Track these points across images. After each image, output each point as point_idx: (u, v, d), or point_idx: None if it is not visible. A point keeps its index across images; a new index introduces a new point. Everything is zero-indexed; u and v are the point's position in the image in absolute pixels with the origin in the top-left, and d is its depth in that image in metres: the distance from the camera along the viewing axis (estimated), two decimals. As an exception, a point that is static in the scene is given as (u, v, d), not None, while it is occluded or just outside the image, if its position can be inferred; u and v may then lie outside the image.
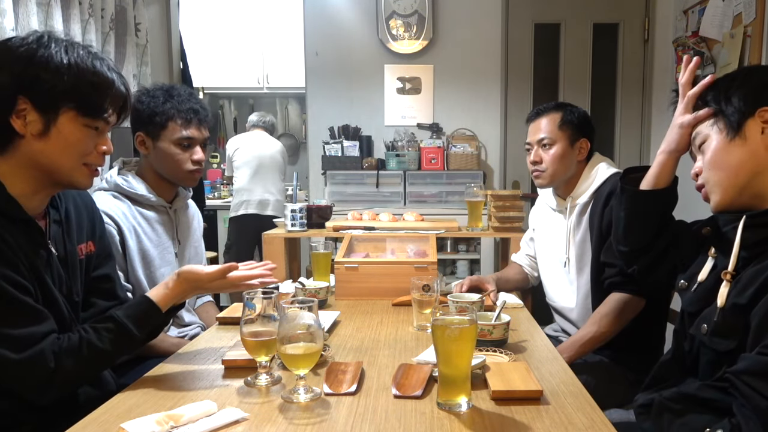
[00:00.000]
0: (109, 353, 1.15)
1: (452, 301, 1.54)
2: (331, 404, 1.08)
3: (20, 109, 1.07)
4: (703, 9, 2.98)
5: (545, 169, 1.86)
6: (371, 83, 3.98)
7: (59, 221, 1.22)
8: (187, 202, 1.90)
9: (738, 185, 1.08)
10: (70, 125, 1.11)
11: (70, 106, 1.10)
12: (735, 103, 1.08)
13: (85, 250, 1.30)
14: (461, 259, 3.84)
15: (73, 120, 1.11)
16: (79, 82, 1.09)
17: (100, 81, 1.12)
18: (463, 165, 3.80)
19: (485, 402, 1.08)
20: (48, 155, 1.11)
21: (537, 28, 3.90)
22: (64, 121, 1.10)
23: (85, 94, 1.11)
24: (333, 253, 2.05)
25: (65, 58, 1.08)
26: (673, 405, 1.10)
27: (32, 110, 1.08)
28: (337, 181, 3.83)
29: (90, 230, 1.32)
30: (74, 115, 1.11)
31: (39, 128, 1.09)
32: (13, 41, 1.09)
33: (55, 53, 1.08)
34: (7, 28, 2.05)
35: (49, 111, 1.09)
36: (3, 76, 1.06)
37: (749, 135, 1.06)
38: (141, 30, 3.17)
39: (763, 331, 0.94)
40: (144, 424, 0.94)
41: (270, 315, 1.18)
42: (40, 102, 1.08)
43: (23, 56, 1.06)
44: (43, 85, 1.07)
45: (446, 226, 2.37)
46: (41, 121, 1.08)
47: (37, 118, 1.08)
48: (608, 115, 3.90)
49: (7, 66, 1.06)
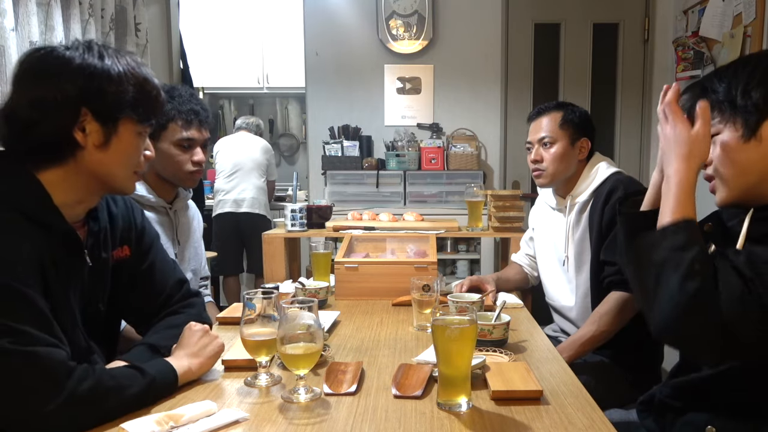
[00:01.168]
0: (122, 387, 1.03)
1: (452, 301, 1.53)
2: (331, 404, 1.08)
3: (82, 120, 1.07)
4: (703, 9, 2.98)
5: (546, 168, 1.86)
6: (371, 83, 3.98)
7: (97, 230, 1.21)
8: (187, 202, 1.90)
9: (748, 184, 1.06)
10: (127, 134, 1.12)
11: (129, 115, 1.11)
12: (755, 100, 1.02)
13: (119, 255, 1.28)
14: (461, 259, 3.83)
15: (130, 129, 1.12)
16: (137, 91, 1.10)
17: (151, 88, 1.14)
18: (463, 165, 3.79)
19: (485, 402, 1.08)
20: (106, 165, 1.11)
21: (537, 28, 3.90)
22: (122, 130, 1.11)
23: (142, 102, 1.12)
24: (333, 253, 2.05)
25: (121, 67, 1.09)
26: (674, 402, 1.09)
27: (93, 121, 1.07)
28: (337, 181, 3.83)
29: (126, 234, 1.30)
30: (131, 124, 1.12)
31: (100, 139, 1.09)
32: (65, 53, 1.07)
33: (112, 63, 1.08)
34: (7, 28, 2.05)
35: (110, 122, 1.09)
36: (69, 88, 1.05)
37: (764, 136, 1.03)
38: (141, 30, 3.17)
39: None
40: (144, 424, 0.94)
41: (270, 315, 1.18)
42: (102, 113, 1.08)
43: (84, 67, 1.06)
44: (107, 97, 1.07)
45: (446, 226, 2.37)
46: (102, 131, 1.09)
47: (98, 128, 1.08)
48: (608, 115, 3.90)
49: (70, 78, 1.05)
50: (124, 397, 1.01)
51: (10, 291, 0.95)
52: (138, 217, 1.35)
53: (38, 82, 1.06)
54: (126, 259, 1.29)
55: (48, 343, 0.96)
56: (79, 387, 0.95)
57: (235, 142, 4.43)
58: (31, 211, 1.04)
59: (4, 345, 0.91)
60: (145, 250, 1.34)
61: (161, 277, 1.35)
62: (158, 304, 1.33)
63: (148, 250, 1.34)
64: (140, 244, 1.33)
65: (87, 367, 0.99)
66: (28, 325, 0.94)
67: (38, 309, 0.98)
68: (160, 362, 1.13)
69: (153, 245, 1.36)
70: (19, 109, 1.06)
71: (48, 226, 1.06)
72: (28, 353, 0.92)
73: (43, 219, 1.05)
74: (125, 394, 1.01)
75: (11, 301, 0.94)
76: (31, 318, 0.96)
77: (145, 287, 1.32)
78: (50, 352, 0.95)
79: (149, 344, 1.21)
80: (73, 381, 0.95)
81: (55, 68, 1.06)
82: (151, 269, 1.33)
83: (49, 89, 1.04)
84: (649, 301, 0.99)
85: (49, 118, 1.05)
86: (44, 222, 1.05)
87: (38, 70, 1.07)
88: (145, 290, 1.32)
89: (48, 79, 1.05)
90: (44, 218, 1.06)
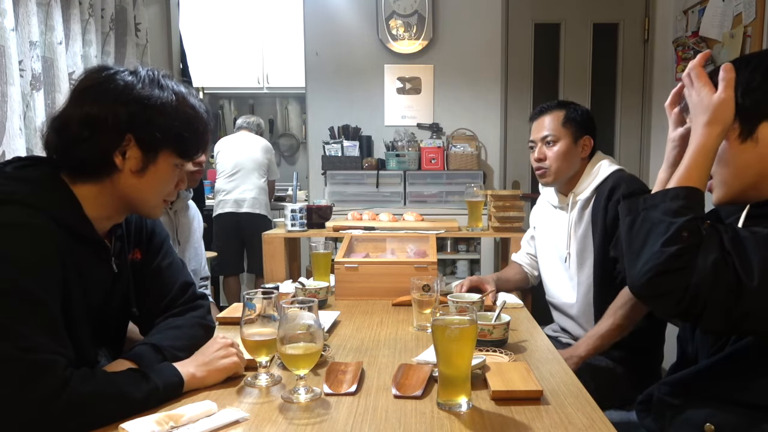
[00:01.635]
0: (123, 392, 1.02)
1: (452, 301, 1.53)
2: (331, 404, 1.08)
3: (125, 145, 1.08)
4: (703, 9, 2.98)
5: (549, 166, 1.86)
6: (371, 83, 3.98)
7: (120, 235, 1.23)
8: (187, 203, 1.90)
9: (744, 185, 1.06)
10: (165, 165, 1.13)
11: (171, 148, 1.13)
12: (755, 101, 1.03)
13: (132, 258, 1.29)
14: (461, 259, 3.83)
15: (168, 161, 1.14)
16: (184, 128, 1.12)
17: (200, 125, 1.16)
18: (463, 165, 3.79)
19: (485, 402, 1.08)
20: (138, 191, 1.13)
21: (537, 28, 3.90)
22: (161, 161, 1.13)
23: (186, 138, 1.14)
24: (333, 253, 2.05)
25: (175, 101, 1.11)
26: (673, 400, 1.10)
27: (135, 148, 1.09)
28: (337, 181, 3.83)
29: (138, 238, 1.31)
30: (171, 157, 1.13)
31: (138, 166, 1.11)
32: (127, 78, 1.10)
33: (167, 96, 1.10)
34: (7, 28, 2.05)
35: (151, 151, 1.11)
36: (121, 113, 1.07)
37: (761, 137, 1.03)
38: (141, 30, 3.17)
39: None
40: (144, 424, 0.94)
41: (270, 315, 1.18)
42: (146, 142, 1.10)
43: (140, 96, 1.08)
44: (154, 129, 1.09)
45: (446, 226, 2.37)
46: (141, 159, 1.10)
47: (139, 155, 1.10)
48: (608, 115, 3.90)
49: (125, 103, 1.07)
50: (126, 402, 1.00)
51: (26, 294, 0.95)
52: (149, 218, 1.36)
53: (94, 101, 1.08)
54: (137, 262, 1.30)
55: (52, 350, 0.95)
56: (79, 393, 0.94)
57: (235, 142, 4.43)
58: (63, 218, 1.05)
59: (8, 350, 0.91)
60: (154, 251, 1.35)
61: (169, 279, 1.35)
62: (164, 305, 1.33)
63: (157, 251, 1.35)
64: (150, 246, 1.34)
65: (87, 372, 0.99)
66: (35, 330, 0.94)
67: (49, 315, 0.98)
68: (166, 367, 1.12)
69: (162, 247, 1.37)
70: (71, 123, 1.08)
71: (78, 235, 1.07)
72: (30, 360, 0.92)
73: (75, 227, 1.07)
74: (127, 399, 1.00)
75: (24, 304, 0.95)
76: (40, 323, 0.96)
77: (152, 288, 1.32)
78: (54, 359, 0.94)
79: (151, 344, 1.21)
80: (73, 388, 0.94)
81: (113, 92, 1.08)
82: (159, 270, 1.34)
83: (103, 110, 1.07)
84: (632, 255, 1.00)
85: (95, 138, 1.07)
86: (75, 230, 1.07)
87: (98, 90, 1.09)
88: (153, 291, 1.32)
89: (105, 100, 1.07)
90: (75, 227, 1.07)
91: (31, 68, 2.25)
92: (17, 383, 0.91)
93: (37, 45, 2.28)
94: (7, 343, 0.91)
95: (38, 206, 1.02)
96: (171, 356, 1.18)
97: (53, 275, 1.01)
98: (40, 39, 2.30)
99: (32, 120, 2.26)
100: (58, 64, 2.40)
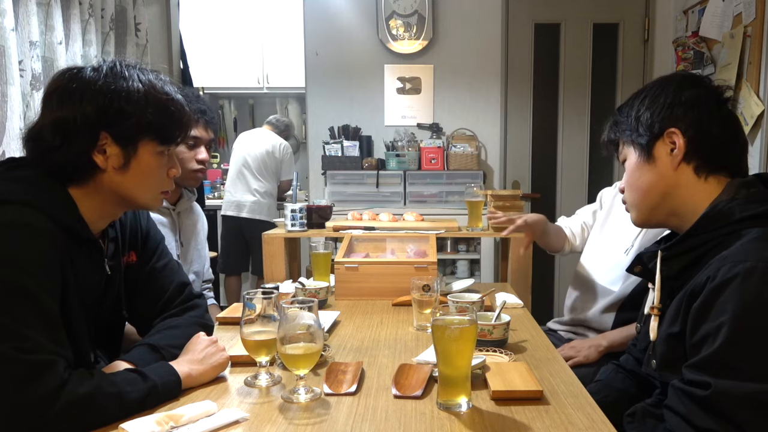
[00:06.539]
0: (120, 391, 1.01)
1: (452, 301, 1.54)
2: (331, 404, 1.08)
3: (101, 143, 1.07)
4: (703, 9, 2.98)
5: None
6: (371, 83, 3.98)
7: (115, 239, 1.23)
8: (191, 204, 1.90)
9: (650, 206, 1.14)
10: (147, 156, 1.12)
11: (150, 137, 1.11)
12: (645, 124, 1.13)
13: (127, 261, 1.29)
14: (461, 259, 3.83)
15: (149, 150, 1.12)
16: (158, 113, 1.10)
17: (175, 109, 1.14)
18: (463, 165, 3.79)
19: (485, 402, 1.08)
20: (128, 187, 1.12)
21: (537, 28, 3.90)
22: (142, 152, 1.11)
23: (163, 124, 1.12)
24: (333, 253, 2.05)
25: (142, 88, 1.09)
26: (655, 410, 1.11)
27: (113, 144, 1.08)
28: (337, 181, 3.83)
29: (133, 241, 1.31)
30: (152, 145, 1.12)
31: (120, 162, 1.10)
32: (89, 75, 1.08)
33: (133, 84, 1.08)
34: (7, 28, 2.05)
35: (129, 144, 1.10)
36: (89, 111, 1.05)
37: (658, 156, 1.11)
38: (141, 30, 3.17)
39: (692, 349, 0.98)
40: (144, 424, 0.94)
41: (270, 315, 1.18)
42: (122, 136, 1.08)
43: (104, 90, 1.06)
44: (126, 119, 1.07)
45: (446, 226, 2.37)
46: (122, 154, 1.09)
47: (118, 152, 1.09)
48: (608, 115, 3.87)
49: (90, 100, 1.06)
50: (124, 402, 1.00)
51: (25, 294, 0.95)
52: (143, 221, 1.36)
53: (61, 104, 1.07)
54: (133, 264, 1.30)
55: (51, 351, 0.95)
56: (77, 394, 0.94)
57: (247, 139, 4.34)
58: (60, 218, 1.05)
59: (7, 351, 0.91)
60: (150, 253, 1.34)
61: (164, 280, 1.35)
62: (161, 306, 1.33)
63: (152, 253, 1.35)
64: (145, 248, 1.33)
65: (86, 373, 0.99)
66: (34, 330, 0.94)
67: (48, 315, 0.98)
68: (163, 366, 1.12)
69: (157, 248, 1.36)
70: (44, 131, 1.07)
71: (74, 235, 1.07)
72: (29, 361, 0.92)
73: (71, 227, 1.07)
74: (126, 399, 1.00)
75: (24, 305, 0.94)
76: (39, 323, 0.95)
77: (148, 290, 1.32)
78: (53, 360, 0.94)
79: (149, 344, 1.21)
80: (71, 388, 0.94)
81: (78, 91, 1.06)
82: (154, 272, 1.33)
83: (71, 111, 1.05)
84: None
85: (70, 141, 1.06)
86: (72, 230, 1.07)
87: (62, 92, 1.07)
88: (149, 292, 1.32)
89: (70, 101, 1.06)
90: (72, 227, 1.07)
91: (31, 68, 2.25)
92: (16, 384, 0.90)
93: (37, 45, 2.28)
94: (6, 344, 0.91)
95: (36, 206, 1.02)
96: (169, 356, 1.18)
97: (52, 275, 1.01)
98: (40, 39, 2.30)
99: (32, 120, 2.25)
100: (58, 64, 2.39)
